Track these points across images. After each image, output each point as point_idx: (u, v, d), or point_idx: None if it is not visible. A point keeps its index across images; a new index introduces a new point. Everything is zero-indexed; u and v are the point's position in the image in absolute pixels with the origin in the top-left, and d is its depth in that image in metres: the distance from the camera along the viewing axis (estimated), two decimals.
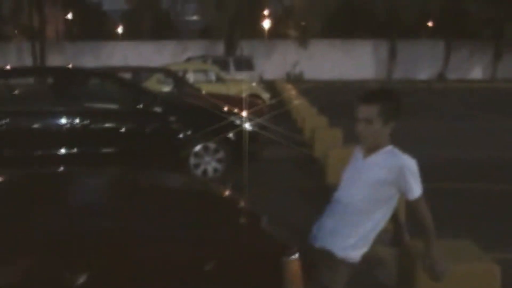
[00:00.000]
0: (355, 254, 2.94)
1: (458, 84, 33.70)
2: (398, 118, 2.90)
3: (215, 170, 7.98)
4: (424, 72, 37.98)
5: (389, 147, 2.95)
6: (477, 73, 38.38)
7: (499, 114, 17.66)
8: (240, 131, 8.19)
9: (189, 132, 7.93)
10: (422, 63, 38.11)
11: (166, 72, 13.20)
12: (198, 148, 7.91)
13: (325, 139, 9.43)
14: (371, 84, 32.88)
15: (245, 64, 21.45)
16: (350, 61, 37.93)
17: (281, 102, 18.94)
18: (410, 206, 2.93)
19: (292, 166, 9.24)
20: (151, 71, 13.51)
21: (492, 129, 14.24)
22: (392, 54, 37.97)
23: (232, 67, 20.88)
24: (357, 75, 36.92)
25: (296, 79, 34.56)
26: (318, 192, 7.46)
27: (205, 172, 7.93)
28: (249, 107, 11.33)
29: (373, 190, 2.92)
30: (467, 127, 14.61)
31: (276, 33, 40.04)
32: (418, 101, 22.31)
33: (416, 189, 2.84)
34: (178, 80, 12.80)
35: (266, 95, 16.23)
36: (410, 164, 2.85)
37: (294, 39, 38.10)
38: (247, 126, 8.36)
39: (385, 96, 2.92)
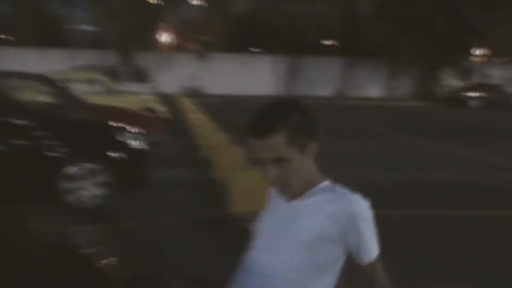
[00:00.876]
0: None
1: (356, 101, 34.18)
2: (317, 134, 1.82)
3: (95, 197, 6.54)
4: (324, 89, 38.24)
5: (325, 183, 1.84)
6: (374, 90, 39.26)
7: (400, 132, 17.52)
8: (128, 150, 6.91)
9: (62, 150, 6.46)
10: (321, 80, 38.40)
11: (45, 80, 11.46)
12: (73, 169, 6.45)
13: (227, 159, 8.25)
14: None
15: (139, 76, 19.92)
16: (250, 76, 37.44)
17: (179, 117, 17.69)
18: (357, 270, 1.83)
19: (188, 191, 7.96)
20: (27, 78, 11.70)
21: (394, 147, 13.85)
22: (293, 70, 37.98)
23: (124, 78, 19.30)
24: (258, 91, 36.45)
25: (195, 94, 33.42)
26: (219, 224, 6.27)
27: (81, 199, 6.48)
28: (141, 122, 10.16)
29: (309, 252, 1.79)
30: (372, 145, 14.11)
31: (174, 46, 38.73)
32: (319, 118, 21.94)
33: (373, 248, 1.79)
34: (59, 89, 11.12)
35: (161, 109, 14.88)
36: (363, 209, 1.76)
37: (194, 53, 37.01)
38: (137, 143, 7.07)
39: (285, 113, 1.78)
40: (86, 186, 6.51)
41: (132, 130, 7.38)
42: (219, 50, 36.47)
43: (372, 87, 39.34)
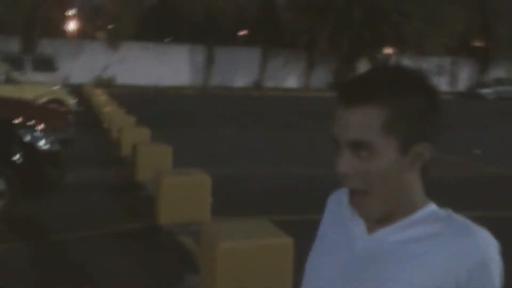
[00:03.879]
0: None
1: (274, 92, 33.79)
2: (438, 134, 1.11)
3: None
4: (241, 80, 37.46)
5: (431, 208, 1.14)
6: (291, 81, 38.93)
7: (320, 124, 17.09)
8: (31, 150, 5.82)
9: None
10: (239, 70, 37.57)
11: None
12: None
13: (151, 158, 7.26)
14: (188, 91, 31.44)
15: (45, 64, 18.23)
16: (165, 66, 35.90)
17: (91, 109, 16.32)
18: None
19: (107, 196, 6.87)
20: None
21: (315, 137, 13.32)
22: (209, 60, 36.87)
23: (28, 66, 17.57)
24: (173, 81, 35.09)
25: (107, 84, 31.59)
26: (147, 238, 5.29)
27: None
28: (47, 116, 9.02)
29: None
30: (294, 136, 13.51)
31: (84, 33, 36.49)
32: (238, 108, 21.31)
33: None
34: None
35: (71, 101, 13.52)
36: (497, 256, 1.09)
37: (104, 41, 34.99)
38: (43, 142, 6.00)
39: (400, 81, 1.08)
40: None
41: (37, 126, 6.30)
42: (131, 39, 34.72)
43: (289, 77, 39.06)
